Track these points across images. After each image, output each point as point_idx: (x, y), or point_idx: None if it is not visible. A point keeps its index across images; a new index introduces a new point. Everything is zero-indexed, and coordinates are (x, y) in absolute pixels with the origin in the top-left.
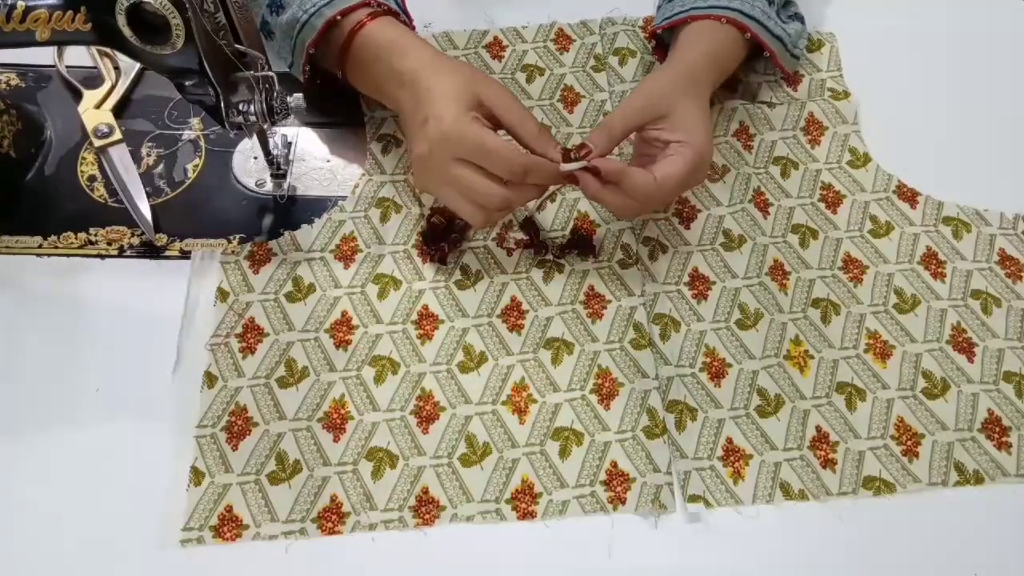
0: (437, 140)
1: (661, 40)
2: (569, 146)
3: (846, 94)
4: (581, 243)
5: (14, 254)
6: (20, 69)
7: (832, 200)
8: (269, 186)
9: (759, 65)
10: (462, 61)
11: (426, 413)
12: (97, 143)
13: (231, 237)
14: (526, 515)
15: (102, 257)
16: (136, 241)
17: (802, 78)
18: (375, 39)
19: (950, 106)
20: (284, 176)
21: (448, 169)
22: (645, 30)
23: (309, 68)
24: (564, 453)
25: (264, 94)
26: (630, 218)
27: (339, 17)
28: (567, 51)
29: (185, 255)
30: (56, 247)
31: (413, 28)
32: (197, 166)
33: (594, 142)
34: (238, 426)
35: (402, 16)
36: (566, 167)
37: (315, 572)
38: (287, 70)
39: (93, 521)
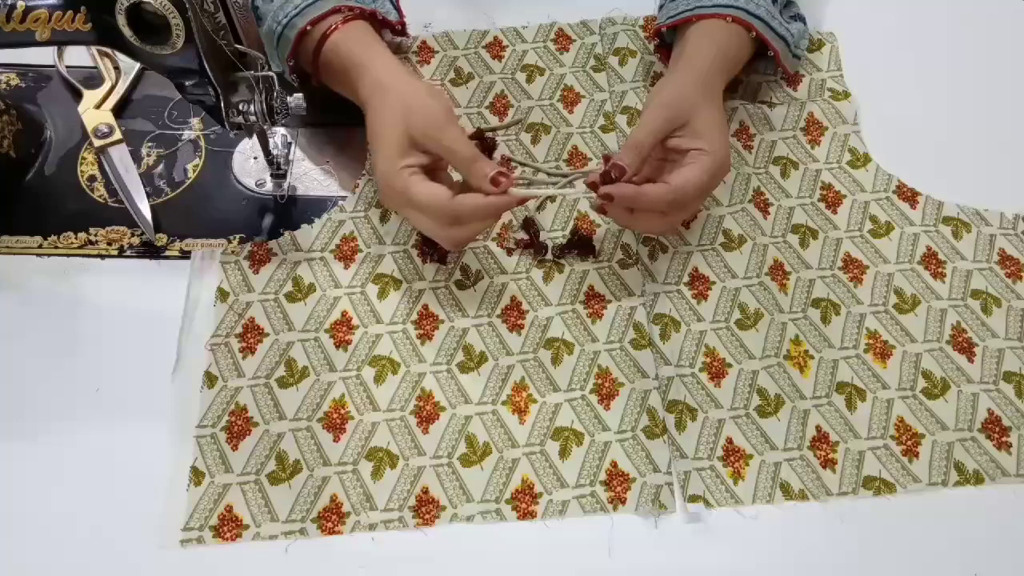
0: (379, 188)
1: (663, 39)
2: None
3: (846, 94)
4: (581, 243)
5: (14, 254)
6: (20, 69)
7: (832, 200)
8: (269, 186)
9: (760, 65)
10: (408, 82)
11: (426, 413)
12: (97, 143)
13: (231, 237)
14: (526, 515)
15: (102, 257)
16: (136, 241)
17: (802, 78)
18: (338, 52)
19: (950, 106)
20: (284, 176)
21: (401, 210)
22: (646, 29)
23: (297, 76)
24: (564, 453)
25: (264, 94)
26: (665, 234)
27: (309, 27)
28: (567, 51)
29: (185, 255)
30: (56, 247)
31: (403, 25)
32: (197, 166)
33: (626, 162)
34: (238, 426)
35: (380, 14)
36: (582, 186)
37: (315, 572)
38: None
39: (93, 521)
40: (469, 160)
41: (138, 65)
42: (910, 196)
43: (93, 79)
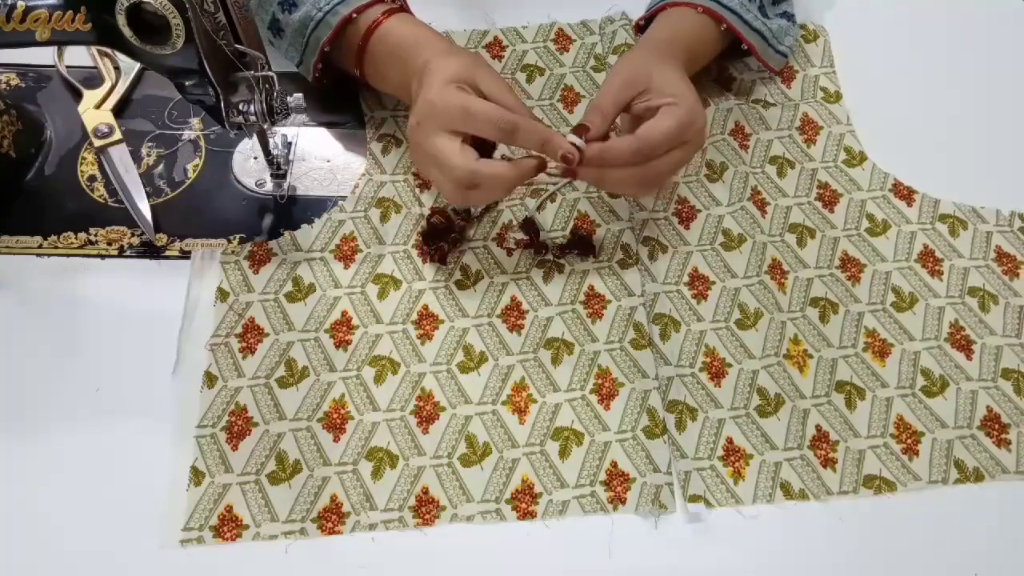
0: (425, 110)
1: None
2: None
3: (838, 95)
4: (581, 243)
5: (14, 254)
6: (20, 69)
7: (829, 199)
8: (269, 186)
9: (753, 62)
10: (475, 53)
11: (426, 413)
12: (97, 143)
13: (231, 237)
14: (526, 515)
15: (102, 257)
16: (136, 241)
17: (796, 73)
18: (392, 36)
19: (946, 103)
20: (284, 176)
21: (433, 140)
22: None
23: (321, 67)
24: (564, 453)
25: (264, 94)
26: (645, 192)
27: (355, 15)
28: (567, 51)
29: (185, 255)
30: (56, 247)
31: None
32: (197, 166)
33: (589, 119)
34: (238, 426)
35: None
36: (571, 138)
37: (315, 572)
38: (287, 70)
39: (93, 521)
40: (529, 118)
41: (138, 65)
42: (906, 194)
43: (93, 79)
